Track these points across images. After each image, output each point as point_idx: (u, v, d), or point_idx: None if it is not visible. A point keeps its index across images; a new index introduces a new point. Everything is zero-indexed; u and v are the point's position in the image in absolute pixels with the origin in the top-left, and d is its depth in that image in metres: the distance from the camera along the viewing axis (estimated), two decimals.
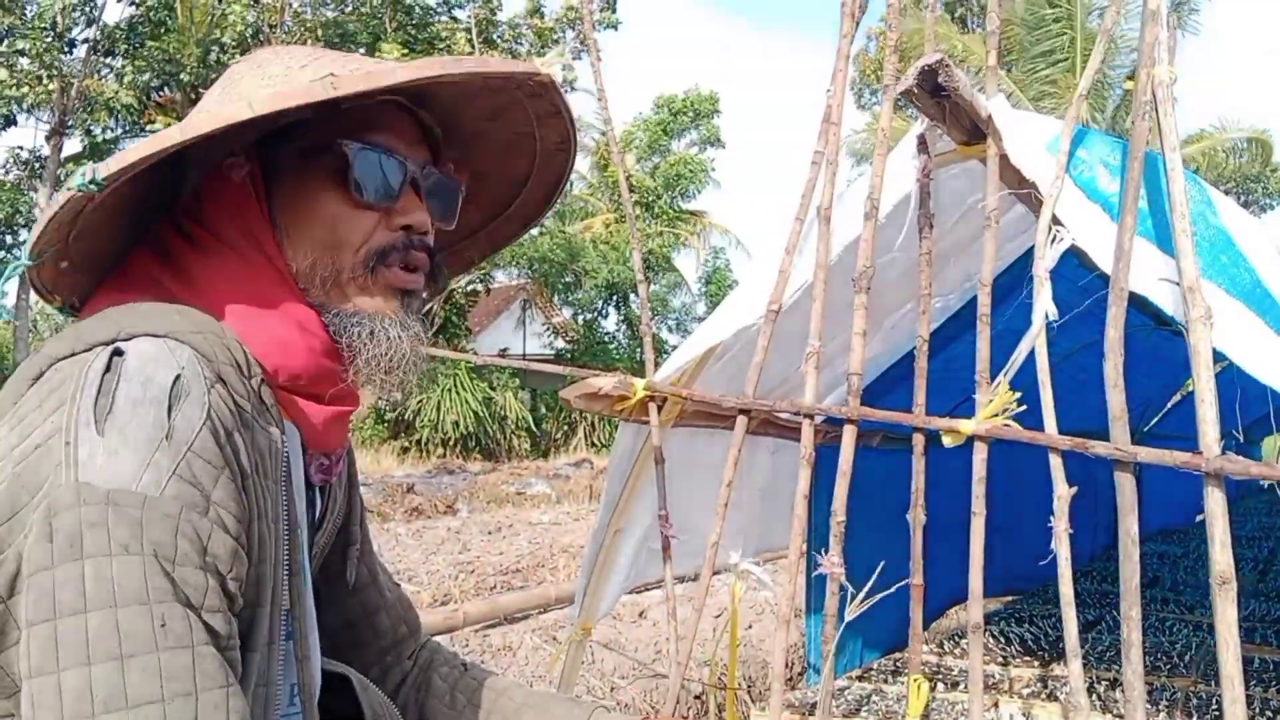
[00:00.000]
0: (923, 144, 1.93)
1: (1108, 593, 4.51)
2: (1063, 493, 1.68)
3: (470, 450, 18.57)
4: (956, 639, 3.57)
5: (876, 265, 1.95)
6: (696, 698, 3.92)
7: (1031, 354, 1.76)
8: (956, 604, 4.36)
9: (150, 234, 1.08)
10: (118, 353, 0.89)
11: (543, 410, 21.19)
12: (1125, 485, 1.64)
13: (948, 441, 1.78)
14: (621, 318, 24.87)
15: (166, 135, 0.90)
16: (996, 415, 1.74)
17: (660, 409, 2.18)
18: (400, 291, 1.08)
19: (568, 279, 22.77)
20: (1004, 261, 2.86)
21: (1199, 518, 1.49)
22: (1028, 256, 2.06)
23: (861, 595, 1.73)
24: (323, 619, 1.31)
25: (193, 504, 0.85)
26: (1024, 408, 1.75)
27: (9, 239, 17.98)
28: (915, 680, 1.81)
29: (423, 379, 1.14)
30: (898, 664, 3.16)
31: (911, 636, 1.87)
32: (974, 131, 1.93)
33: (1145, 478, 2.84)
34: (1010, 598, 4.60)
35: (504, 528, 9.16)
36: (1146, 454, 1.62)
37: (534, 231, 22.51)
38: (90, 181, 0.90)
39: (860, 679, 3.02)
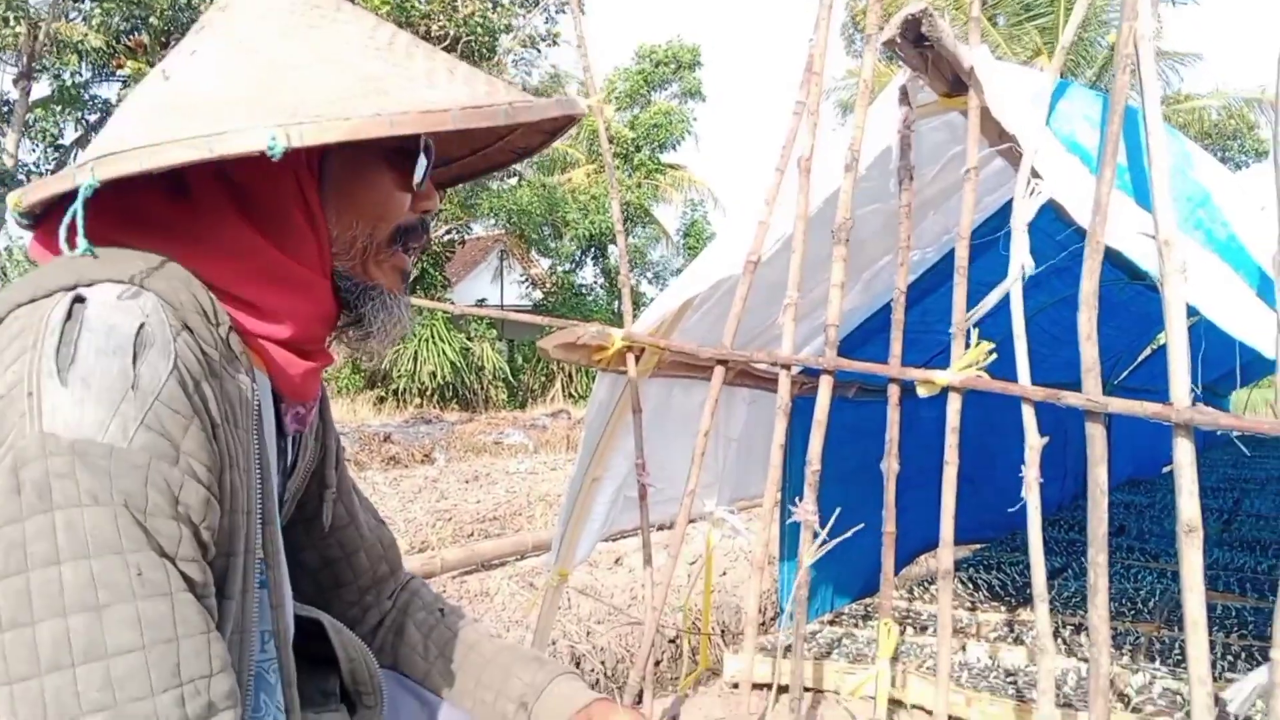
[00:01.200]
0: (904, 95, 1.92)
1: (1074, 541, 4.62)
2: (1034, 442, 1.70)
3: (447, 400, 18.55)
4: (925, 585, 3.64)
5: (856, 217, 1.96)
6: (671, 641, 3.98)
7: (1006, 307, 1.78)
8: (926, 552, 4.44)
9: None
10: (79, 300, 0.87)
11: (520, 361, 21.17)
12: (1096, 436, 1.66)
13: (923, 392, 1.80)
14: (599, 270, 24.76)
15: (189, 148, 0.87)
16: (971, 366, 1.76)
17: (638, 359, 2.18)
18: (403, 273, 1.12)
19: (546, 230, 22.62)
20: (982, 215, 2.87)
21: (1165, 469, 1.52)
22: (1006, 210, 2.07)
23: (823, 535, 1.75)
24: (303, 559, 1.32)
25: (162, 454, 0.84)
26: (995, 356, 1.77)
27: None
28: (886, 623, 1.85)
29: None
30: (868, 609, 3.22)
31: (884, 581, 1.90)
32: (956, 83, 1.92)
33: (1113, 430, 2.88)
34: (978, 546, 4.69)
35: (481, 477, 9.18)
36: (1118, 405, 1.64)
37: (511, 181, 22.33)
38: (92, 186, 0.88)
39: (831, 623, 3.08)
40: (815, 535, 1.89)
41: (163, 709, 0.80)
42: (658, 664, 3.74)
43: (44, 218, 1.01)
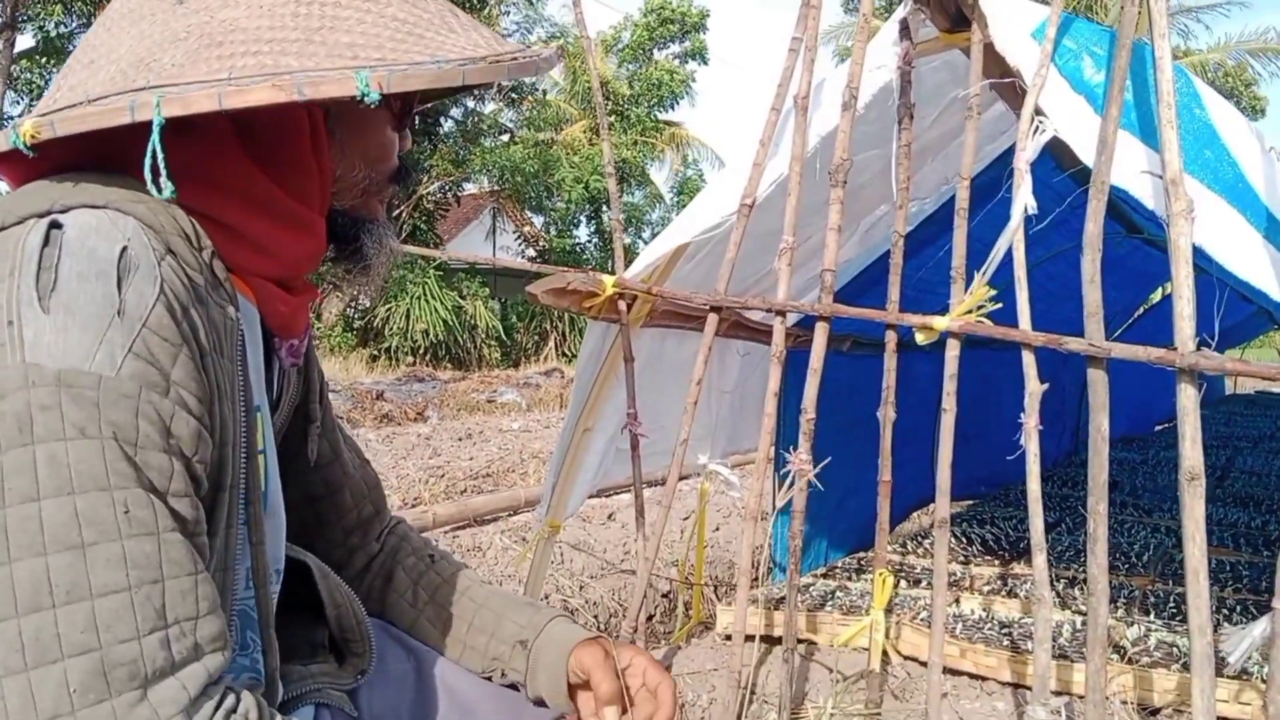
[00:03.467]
0: (905, 29, 1.86)
1: (1067, 496, 4.62)
2: (1034, 389, 1.67)
3: (440, 359, 18.48)
4: (919, 540, 3.62)
5: (854, 162, 1.90)
6: (664, 595, 3.97)
7: (1008, 252, 1.73)
8: (920, 508, 4.44)
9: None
10: (55, 225, 0.82)
11: (513, 320, 21.08)
12: (1098, 382, 1.62)
13: (921, 338, 1.76)
14: (593, 229, 24.60)
15: (277, 89, 0.84)
16: (971, 312, 1.71)
17: (630, 307, 2.14)
18: (386, 205, 1.15)
19: (540, 188, 22.41)
20: (982, 163, 2.82)
21: (1158, 426, 1.49)
22: (1006, 157, 2.02)
23: (797, 481, 1.71)
24: (285, 497, 1.29)
25: (152, 383, 0.80)
26: (1000, 305, 1.72)
27: None
28: (881, 574, 1.82)
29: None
30: (861, 563, 3.21)
31: (879, 532, 1.87)
32: (958, 18, 1.86)
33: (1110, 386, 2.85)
34: (970, 501, 4.69)
35: (474, 434, 9.16)
36: (1121, 350, 1.60)
37: (503, 137, 22.10)
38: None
39: (824, 577, 3.06)
40: (810, 485, 1.86)
41: (148, 651, 0.77)
42: (650, 618, 3.74)
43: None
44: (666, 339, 2.59)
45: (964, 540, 3.57)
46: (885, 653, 2.01)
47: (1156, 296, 7.76)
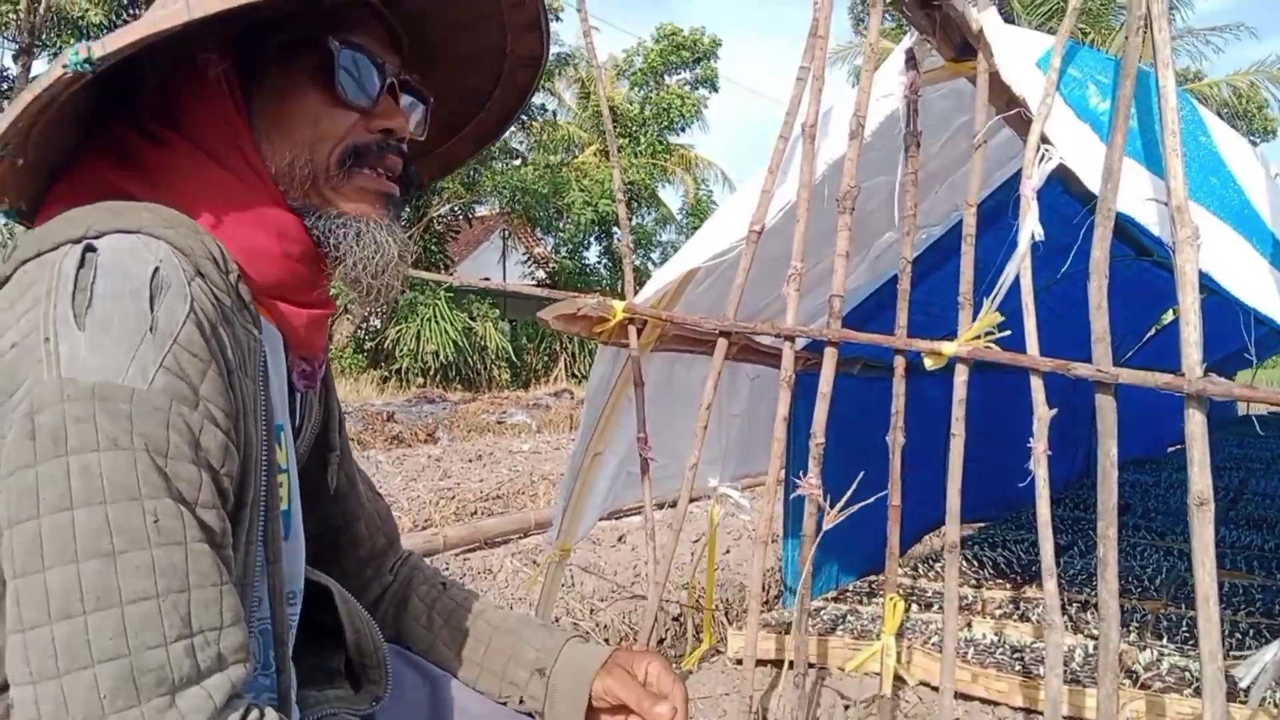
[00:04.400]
0: (911, 59, 1.88)
1: (1079, 519, 4.60)
2: (1043, 414, 1.67)
3: (450, 380, 18.54)
4: (931, 563, 3.62)
5: (861, 188, 1.92)
6: (675, 619, 3.96)
7: (1015, 277, 1.74)
8: (931, 531, 4.43)
9: (100, 137, 1.03)
10: (90, 248, 0.85)
11: (523, 341, 21.14)
12: (1106, 408, 1.63)
13: (929, 364, 1.77)
14: (604, 250, 24.66)
15: (172, 14, 0.85)
16: (979, 338, 1.72)
17: (640, 332, 2.15)
18: (383, 195, 1.06)
19: (550, 210, 22.50)
20: (989, 188, 2.83)
21: (1170, 448, 1.49)
22: (1012, 183, 2.04)
23: (840, 506, 1.72)
24: (305, 525, 1.30)
25: (182, 397, 0.82)
26: (1008, 332, 1.73)
27: None
28: (892, 598, 1.82)
29: (399, 295, 1.12)
30: (873, 586, 3.20)
31: (889, 556, 1.88)
32: (964, 47, 1.88)
33: (1119, 409, 2.85)
34: (983, 524, 4.68)
35: (484, 456, 9.18)
36: (1128, 375, 1.61)
37: (514, 161, 22.22)
38: (85, 60, 0.85)
39: (835, 600, 3.06)
40: (819, 509, 1.87)
41: (175, 658, 0.78)
42: (661, 641, 3.73)
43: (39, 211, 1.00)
44: (676, 363, 2.61)
45: (976, 563, 3.57)
46: (897, 678, 2.01)
47: (1169, 317, 7.75)
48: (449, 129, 1.27)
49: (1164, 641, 2.60)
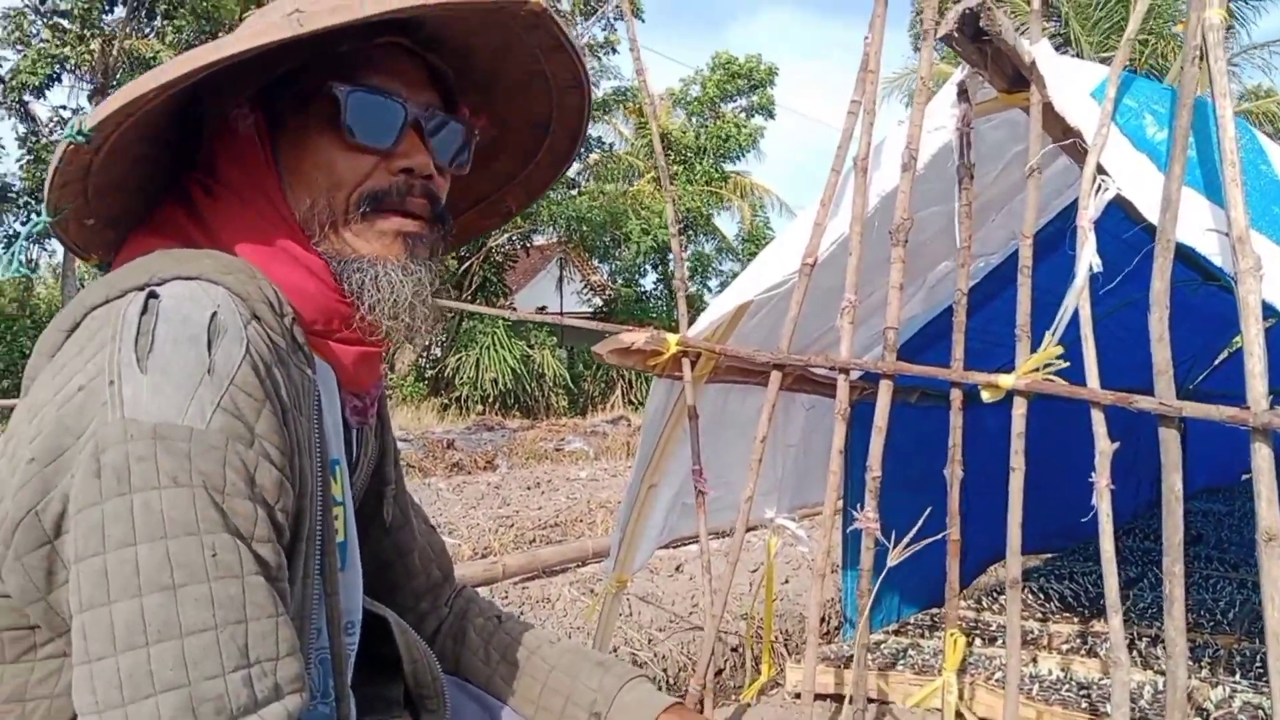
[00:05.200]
0: (963, 92, 1.88)
1: (1150, 550, 4.46)
2: (1105, 448, 1.65)
3: (509, 408, 18.70)
4: (995, 595, 3.55)
5: (915, 219, 1.92)
6: (733, 650, 3.94)
7: (1074, 308, 1.72)
8: (995, 562, 4.34)
9: (178, 189, 1.09)
10: (152, 295, 0.90)
11: (580, 368, 21.25)
12: (1170, 441, 1.60)
13: (987, 397, 1.76)
14: (660, 277, 24.74)
15: (139, 84, 0.90)
16: (1037, 370, 1.71)
17: (694, 364, 2.17)
18: (402, 236, 1.07)
19: (606, 240, 22.63)
20: (1047, 216, 2.80)
21: (1244, 476, 1.46)
22: (1070, 210, 2.02)
23: (903, 543, 1.71)
24: (360, 560, 1.33)
25: (238, 436, 0.86)
26: (1067, 364, 1.71)
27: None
28: (952, 634, 1.80)
29: (435, 328, 1.13)
30: (935, 619, 3.15)
31: (949, 591, 1.86)
32: (1016, 78, 1.88)
33: (1190, 435, 2.78)
34: (1050, 555, 4.58)
35: (543, 483, 9.21)
36: (1192, 409, 1.58)
37: (571, 191, 22.43)
38: (77, 132, 0.91)
39: (897, 634, 3.02)
40: (879, 544, 1.86)
41: (233, 688, 0.81)
42: (719, 673, 3.71)
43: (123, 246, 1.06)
44: (730, 394, 2.61)
45: (1042, 596, 3.49)
46: (958, 715, 1.98)
47: (1239, 341, 7.51)
48: (527, 156, 1.29)
49: (1237, 677, 2.52)
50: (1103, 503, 1.64)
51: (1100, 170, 1.71)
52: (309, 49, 0.98)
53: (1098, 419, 1.67)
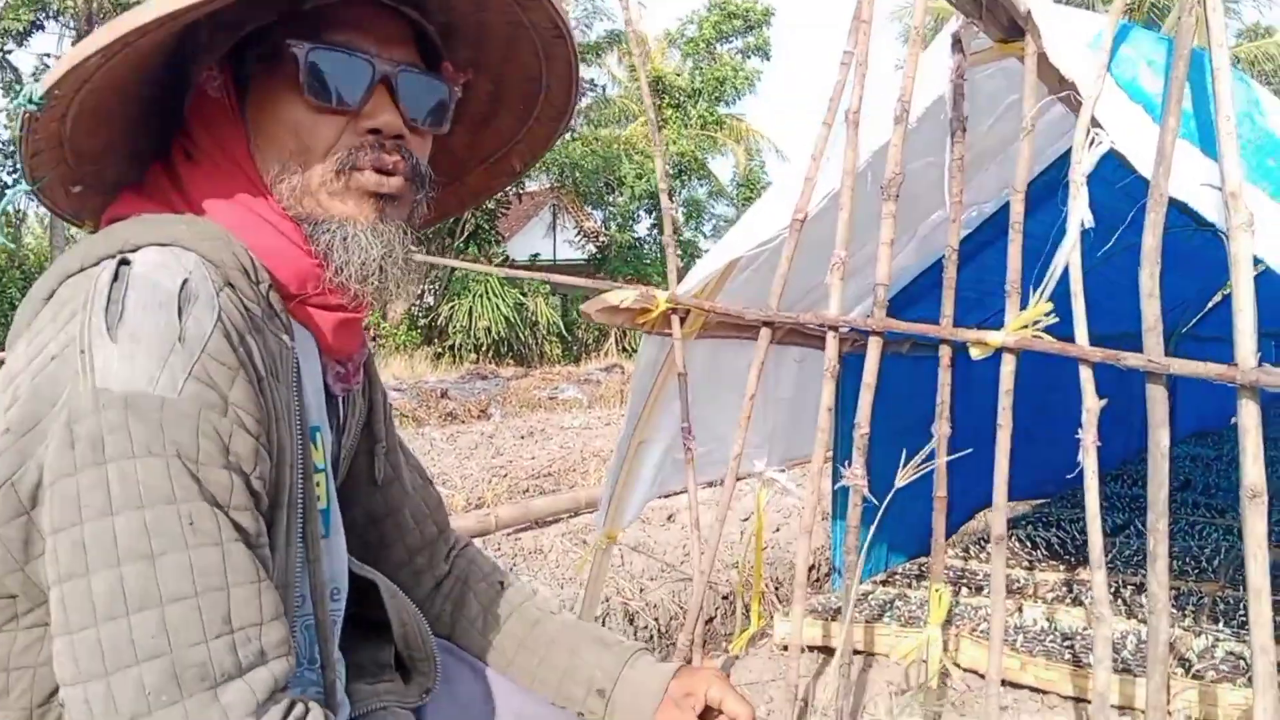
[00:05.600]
0: (957, 43, 1.84)
1: (1138, 496, 4.45)
2: (1092, 405, 1.65)
3: (502, 356, 18.69)
4: (982, 543, 3.58)
5: (908, 172, 1.90)
6: (724, 598, 3.98)
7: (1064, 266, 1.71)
8: (985, 508, 4.36)
9: (167, 150, 1.07)
10: (124, 263, 0.89)
11: (574, 315, 21.20)
12: (1157, 398, 1.60)
13: (975, 354, 1.75)
14: (654, 223, 24.60)
15: (81, 47, 0.87)
16: (1027, 327, 1.69)
17: (683, 321, 2.15)
18: (375, 196, 1.04)
19: (600, 185, 22.44)
20: (1041, 164, 2.77)
21: (1234, 420, 1.46)
22: (1067, 158, 1.99)
23: (908, 470, 1.71)
24: (349, 517, 1.33)
25: (211, 404, 0.85)
26: (1056, 319, 1.70)
27: None
28: (937, 590, 1.82)
29: (410, 289, 1.11)
30: (922, 569, 3.18)
31: (934, 546, 1.87)
32: (1012, 28, 1.84)
33: (1180, 380, 2.78)
34: (1038, 501, 4.61)
35: (536, 432, 9.26)
36: (1180, 366, 1.58)
37: (565, 136, 22.17)
38: (28, 100, 0.88)
39: (884, 584, 3.05)
40: (865, 500, 1.86)
41: (216, 655, 0.81)
42: (709, 621, 3.75)
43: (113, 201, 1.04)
44: (721, 348, 2.60)
45: (1028, 544, 3.52)
46: (943, 667, 2.01)
47: (1230, 287, 7.47)
48: (527, 110, 1.27)
49: (1220, 626, 2.55)
50: (1089, 459, 1.64)
51: (1094, 123, 1.69)
52: (274, 6, 0.95)
53: (1086, 375, 1.66)
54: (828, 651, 2.40)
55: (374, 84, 1.02)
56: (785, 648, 2.47)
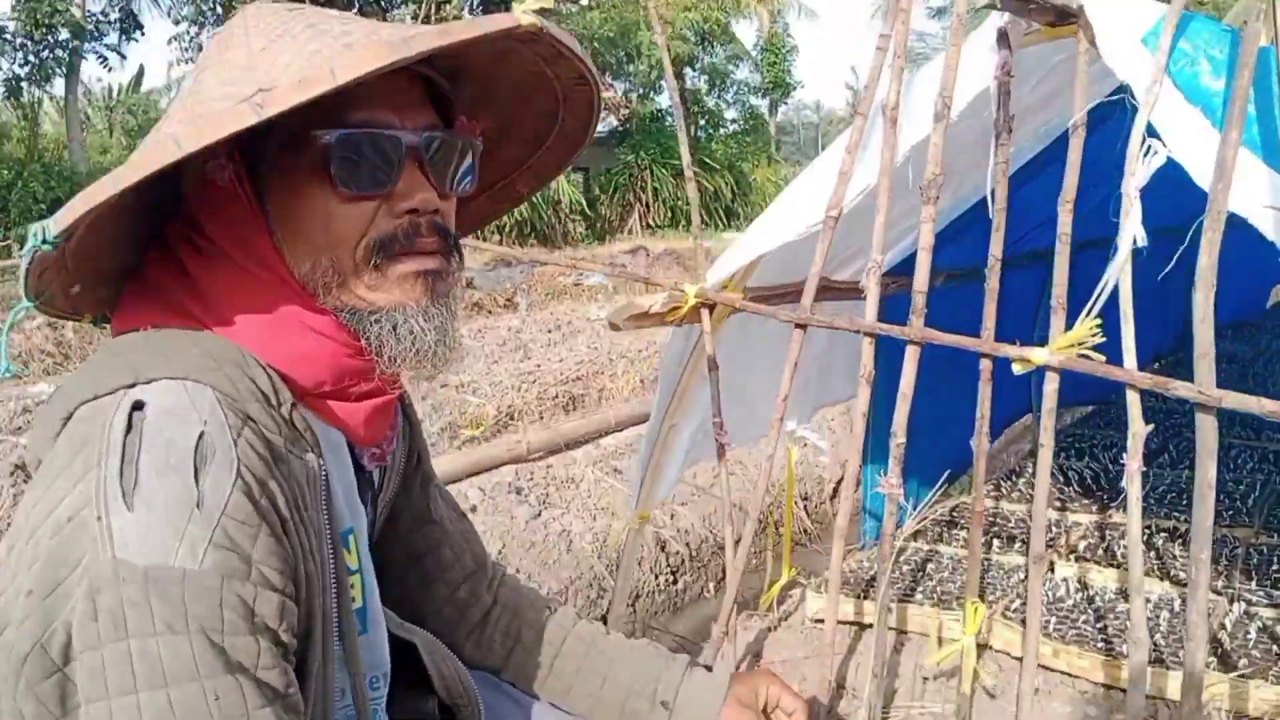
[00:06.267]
0: (1003, 38, 1.72)
1: (1172, 412, 4.19)
2: (1138, 430, 1.60)
3: (526, 236, 18.57)
4: (1014, 479, 3.56)
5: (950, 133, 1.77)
6: (755, 554, 4.03)
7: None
8: (1016, 419, 4.25)
9: (164, 237, 1.02)
10: (138, 406, 0.87)
11: (596, 192, 20.93)
12: (1207, 428, 1.55)
13: (1017, 369, 1.69)
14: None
15: (101, 186, 0.83)
16: (1072, 346, 1.63)
17: (711, 312, 2.10)
18: (421, 275, 1.01)
19: (620, 55, 21.73)
20: (1094, 98, 2.61)
21: (1271, 302, 1.39)
22: (1118, 101, 1.85)
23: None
24: (389, 558, 1.34)
25: (233, 571, 0.84)
26: (1103, 339, 1.63)
27: None
28: (972, 603, 1.81)
29: (458, 357, 1.08)
30: (953, 515, 3.18)
31: (970, 561, 1.86)
32: (1062, 15, 1.71)
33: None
34: (1082, 410, 4.52)
35: (563, 325, 9.32)
36: (1232, 399, 1.52)
37: (583, 1, 21.40)
38: (43, 241, 0.85)
39: (914, 538, 3.05)
40: (899, 507, 1.85)
41: None
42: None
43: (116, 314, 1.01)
44: (750, 317, 2.54)
45: (1060, 479, 3.48)
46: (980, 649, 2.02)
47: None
48: (538, 141, 1.23)
49: (1254, 584, 2.53)
50: (1132, 486, 1.60)
51: (1150, 132, 1.58)
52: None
53: (1133, 400, 1.61)
54: (861, 626, 2.43)
55: (404, 161, 0.98)
56: (819, 621, 2.50)
